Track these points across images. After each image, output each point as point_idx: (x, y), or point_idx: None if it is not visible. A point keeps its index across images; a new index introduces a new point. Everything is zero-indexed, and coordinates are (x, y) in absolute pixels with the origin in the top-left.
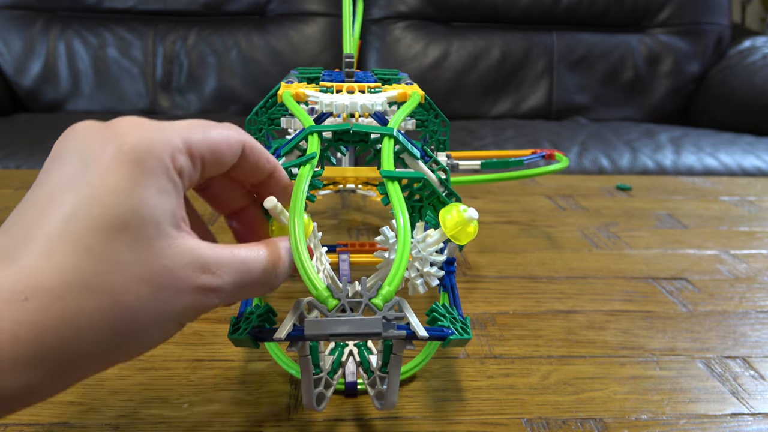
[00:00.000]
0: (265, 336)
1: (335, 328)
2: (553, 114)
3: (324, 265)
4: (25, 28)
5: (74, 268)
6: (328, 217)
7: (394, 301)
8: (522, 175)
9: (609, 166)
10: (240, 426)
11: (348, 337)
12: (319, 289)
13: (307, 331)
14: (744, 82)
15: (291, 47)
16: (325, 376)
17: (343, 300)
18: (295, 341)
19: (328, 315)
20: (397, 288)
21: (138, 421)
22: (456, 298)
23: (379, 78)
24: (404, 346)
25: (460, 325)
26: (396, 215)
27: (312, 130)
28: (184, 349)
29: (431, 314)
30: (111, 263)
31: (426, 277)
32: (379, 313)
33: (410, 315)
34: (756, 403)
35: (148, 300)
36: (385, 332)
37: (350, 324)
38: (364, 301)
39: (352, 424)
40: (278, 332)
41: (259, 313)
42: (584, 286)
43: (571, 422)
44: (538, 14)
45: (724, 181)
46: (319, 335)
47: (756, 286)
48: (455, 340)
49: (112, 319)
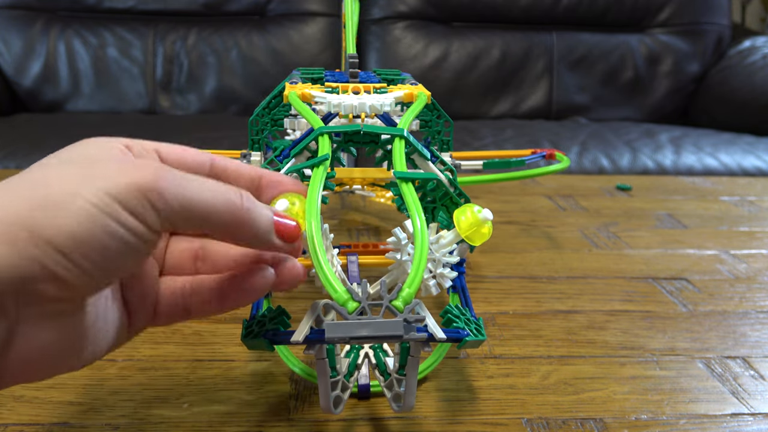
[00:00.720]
0: (281, 339)
1: (356, 331)
2: (553, 114)
3: (335, 267)
4: (25, 28)
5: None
6: (327, 218)
7: (413, 303)
8: (523, 176)
9: (609, 166)
10: (240, 426)
11: (369, 339)
12: (339, 292)
13: (328, 334)
14: (744, 82)
15: (291, 47)
16: (342, 378)
17: (363, 303)
18: (312, 344)
19: (348, 318)
20: (417, 290)
21: (138, 421)
22: (467, 299)
23: (382, 78)
24: (421, 348)
25: (474, 326)
26: (412, 216)
27: (322, 131)
28: (184, 349)
29: (446, 316)
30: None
31: (439, 278)
32: (399, 315)
33: (428, 317)
34: (756, 403)
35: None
36: (407, 335)
37: (371, 327)
38: (385, 303)
39: (351, 424)
40: (296, 335)
41: (272, 316)
42: (584, 286)
43: (571, 422)
44: (538, 14)
45: (724, 181)
46: (341, 338)
47: (756, 286)
48: (471, 341)
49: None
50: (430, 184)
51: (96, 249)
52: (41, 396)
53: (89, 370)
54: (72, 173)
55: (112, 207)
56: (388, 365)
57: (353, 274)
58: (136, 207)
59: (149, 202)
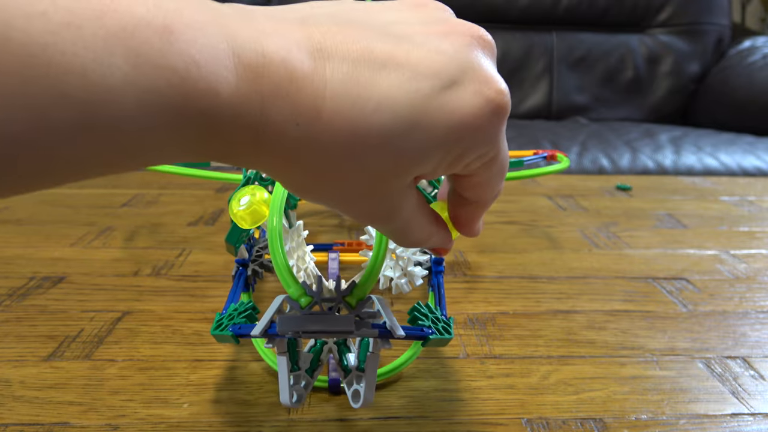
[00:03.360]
0: (244, 332)
1: (307, 325)
2: (553, 114)
3: (307, 264)
4: None
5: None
6: (327, 217)
7: (368, 299)
8: (522, 176)
9: (609, 166)
10: (240, 426)
11: (320, 334)
12: (293, 287)
13: (279, 327)
14: (744, 82)
15: None
16: (303, 373)
17: (317, 298)
18: (271, 338)
19: (301, 312)
20: (372, 286)
21: (138, 421)
22: (442, 298)
23: None
24: (381, 344)
25: (442, 325)
26: None
27: None
28: (184, 349)
29: (412, 313)
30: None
31: (409, 276)
32: (352, 311)
33: (387, 314)
34: (756, 403)
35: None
36: (358, 330)
37: (322, 321)
38: (338, 299)
39: (351, 423)
40: (255, 329)
41: (242, 310)
42: (584, 286)
43: (571, 422)
44: (538, 14)
45: (724, 181)
46: (291, 332)
47: (756, 286)
48: (435, 339)
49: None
50: None
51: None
52: (41, 396)
53: (89, 370)
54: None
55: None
56: (349, 361)
57: (332, 271)
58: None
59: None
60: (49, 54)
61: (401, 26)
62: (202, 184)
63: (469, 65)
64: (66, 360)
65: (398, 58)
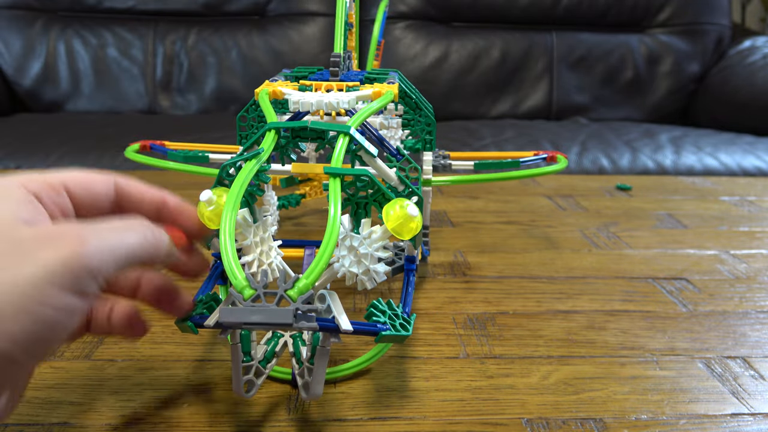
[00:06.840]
0: (200, 322)
1: (248, 317)
2: (553, 114)
3: (272, 259)
4: (25, 28)
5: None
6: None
7: (309, 293)
8: (521, 175)
9: (609, 166)
10: (240, 426)
11: (259, 326)
12: (238, 279)
13: (221, 318)
14: (744, 82)
15: (291, 47)
16: (256, 364)
17: (259, 290)
18: (224, 329)
19: (243, 304)
20: (315, 281)
21: (138, 421)
22: (408, 295)
23: (369, 77)
24: (331, 339)
25: (400, 321)
26: (329, 210)
27: (270, 127)
28: (184, 349)
29: (369, 309)
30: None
31: (372, 272)
32: (293, 304)
33: (336, 308)
34: (756, 403)
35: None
36: (297, 323)
37: (262, 314)
38: (279, 292)
39: (350, 423)
40: (209, 320)
41: (205, 301)
42: (584, 286)
43: (571, 422)
44: (538, 14)
45: (724, 181)
46: (232, 323)
47: (756, 286)
48: (389, 335)
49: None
50: (361, 180)
51: (41, 339)
52: (41, 396)
53: (89, 371)
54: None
55: (49, 293)
56: (303, 354)
57: (306, 267)
58: (73, 284)
59: (86, 272)
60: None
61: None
62: (203, 184)
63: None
64: (66, 360)
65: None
